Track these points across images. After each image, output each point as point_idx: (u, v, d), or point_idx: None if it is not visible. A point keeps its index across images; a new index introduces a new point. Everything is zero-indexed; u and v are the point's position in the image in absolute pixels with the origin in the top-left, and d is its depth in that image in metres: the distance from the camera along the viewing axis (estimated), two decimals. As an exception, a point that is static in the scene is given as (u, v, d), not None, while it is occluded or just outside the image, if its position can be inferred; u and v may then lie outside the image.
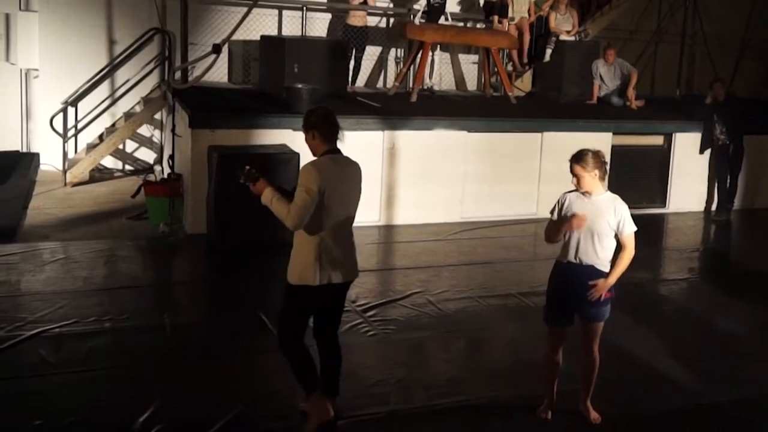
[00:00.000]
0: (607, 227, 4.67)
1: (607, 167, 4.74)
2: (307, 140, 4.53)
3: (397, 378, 5.40)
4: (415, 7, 11.63)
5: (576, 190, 4.76)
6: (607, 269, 4.73)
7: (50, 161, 11.18)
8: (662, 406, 5.23)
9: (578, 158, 4.67)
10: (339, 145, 4.53)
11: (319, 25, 12.02)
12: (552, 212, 4.85)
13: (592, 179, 4.66)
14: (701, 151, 10.65)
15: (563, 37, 12.28)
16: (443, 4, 11.66)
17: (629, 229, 4.70)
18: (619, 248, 4.75)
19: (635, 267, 8.02)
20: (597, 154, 4.65)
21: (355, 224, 4.62)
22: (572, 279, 4.75)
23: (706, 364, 5.93)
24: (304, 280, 4.43)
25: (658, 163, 10.82)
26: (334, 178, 4.42)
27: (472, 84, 13.21)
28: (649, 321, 6.74)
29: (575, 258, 4.72)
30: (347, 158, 4.58)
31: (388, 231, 8.96)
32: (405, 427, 4.85)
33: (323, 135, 4.47)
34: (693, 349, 6.23)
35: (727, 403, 5.34)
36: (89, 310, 6.23)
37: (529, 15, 12.29)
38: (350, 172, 4.58)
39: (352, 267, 4.61)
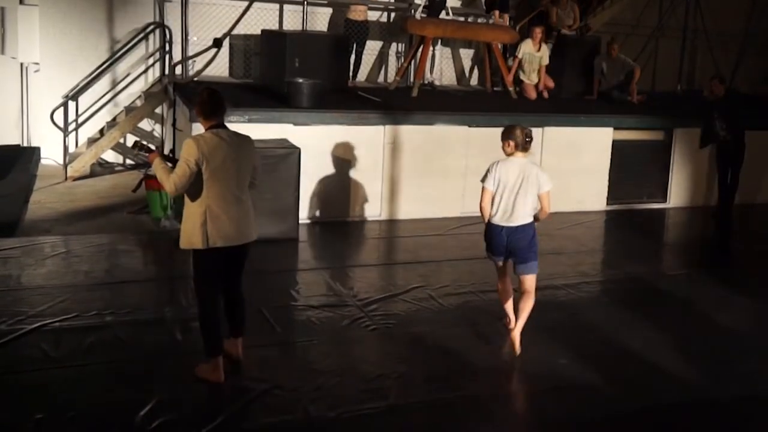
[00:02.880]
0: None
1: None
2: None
3: (398, 372, 5.41)
4: (416, 1, 11.62)
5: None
6: None
7: (51, 155, 11.18)
8: (661, 401, 5.24)
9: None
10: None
11: (320, 19, 12.02)
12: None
13: None
14: (701, 146, 10.65)
15: (564, 31, 12.28)
16: (444, -1, 11.67)
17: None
18: None
19: (636, 261, 8.14)
20: None
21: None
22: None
23: (706, 359, 5.93)
24: (192, 244, 4.93)
25: (659, 158, 10.82)
26: (215, 150, 4.85)
27: (473, 79, 13.21)
28: (648, 315, 6.73)
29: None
30: (233, 132, 5.08)
31: (389, 225, 8.94)
32: (405, 422, 4.85)
33: (205, 112, 4.99)
34: (693, 344, 6.22)
35: (727, 399, 5.34)
36: (90, 305, 6.24)
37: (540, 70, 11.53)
38: (234, 144, 4.99)
39: (244, 231, 5.04)
